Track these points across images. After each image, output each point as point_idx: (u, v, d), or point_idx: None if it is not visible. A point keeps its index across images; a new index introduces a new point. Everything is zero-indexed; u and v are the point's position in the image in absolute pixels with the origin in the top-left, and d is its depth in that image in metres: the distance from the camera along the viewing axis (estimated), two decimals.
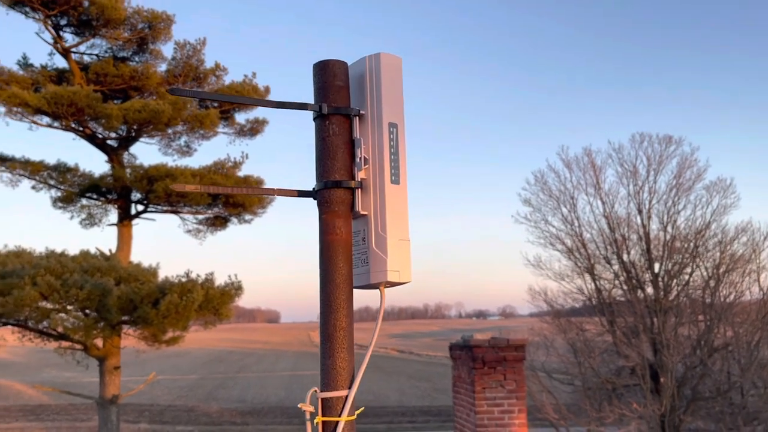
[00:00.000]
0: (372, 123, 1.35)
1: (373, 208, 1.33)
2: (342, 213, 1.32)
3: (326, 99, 1.34)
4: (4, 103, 11.44)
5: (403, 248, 1.32)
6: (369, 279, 1.32)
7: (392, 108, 1.35)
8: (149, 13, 12.28)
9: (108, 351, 11.50)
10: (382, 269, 1.30)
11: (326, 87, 1.34)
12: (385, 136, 1.33)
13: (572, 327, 14.06)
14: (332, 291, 1.29)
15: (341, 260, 1.30)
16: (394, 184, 1.32)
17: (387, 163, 1.32)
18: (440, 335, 69.86)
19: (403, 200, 1.33)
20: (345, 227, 1.32)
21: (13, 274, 10.42)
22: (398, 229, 1.32)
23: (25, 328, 11.39)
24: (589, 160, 14.00)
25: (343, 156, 1.33)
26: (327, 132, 1.33)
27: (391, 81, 1.36)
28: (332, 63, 1.36)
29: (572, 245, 13.95)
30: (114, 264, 11.22)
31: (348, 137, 1.34)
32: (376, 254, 1.31)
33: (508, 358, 6.70)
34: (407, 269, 1.32)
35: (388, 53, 1.37)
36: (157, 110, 11.46)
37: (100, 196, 12.91)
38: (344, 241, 1.31)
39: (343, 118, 1.34)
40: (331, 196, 1.31)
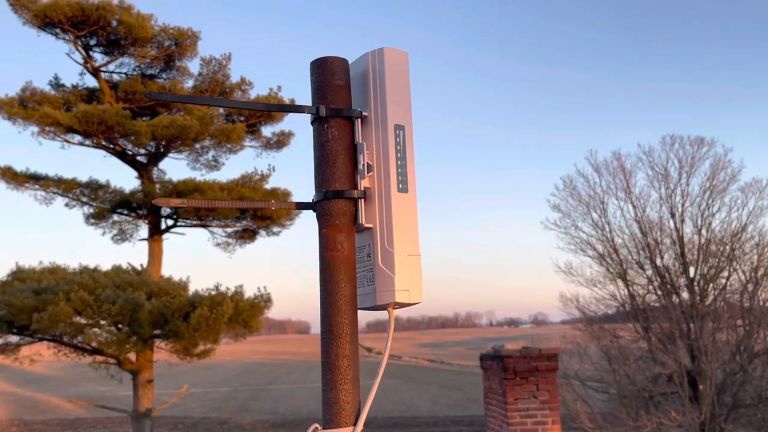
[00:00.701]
0: (376, 125, 1.22)
1: (379, 221, 1.20)
2: (344, 226, 1.19)
3: (324, 100, 1.21)
4: (37, 123, 11.70)
5: (412, 264, 1.19)
6: (375, 300, 1.19)
7: (398, 108, 1.22)
8: (175, 31, 12.47)
9: (141, 365, 11.62)
10: (390, 289, 1.17)
11: (324, 87, 1.22)
12: (390, 139, 1.21)
13: (606, 334, 13.82)
14: (334, 315, 1.16)
15: (344, 280, 1.17)
16: (401, 192, 1.20)
17: (393, 169, 1.20)
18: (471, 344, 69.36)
19: (412, 210, 1.21)
20: (347, 242, 1.19)
21: (48, 290, 10.61)
22: (407, 243, 1.19)
23: (61, 343, 11.58)
24: (619, 163, 13.79)
25: (344, 163, 1.20)
26: (326, 136, 1.21)
27: (396, 78, 1.23)
28: (331, 60, 1.23)
29: (603, 251, 13.73)
30: (145, 278, 11.35)
31: (349, 142, 1.22)
32: (383, 272, 1.18)
33: (541, 368, 6.56)
34: (418, 288, 1.19)
35: (392, 48, 1.25)
36: (185, 126, 11.60)
37: (131, 212, 13.10)
38: (347, 258, 1.18)
39: (344, 120, 1.22)
40: (331, 207, 1.19)
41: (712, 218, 13.02)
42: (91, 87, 13.04)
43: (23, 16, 11.85)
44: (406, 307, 1.21)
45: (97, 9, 11.73)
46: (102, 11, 11.76)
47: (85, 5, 11.65)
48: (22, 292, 10.60)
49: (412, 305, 1.22)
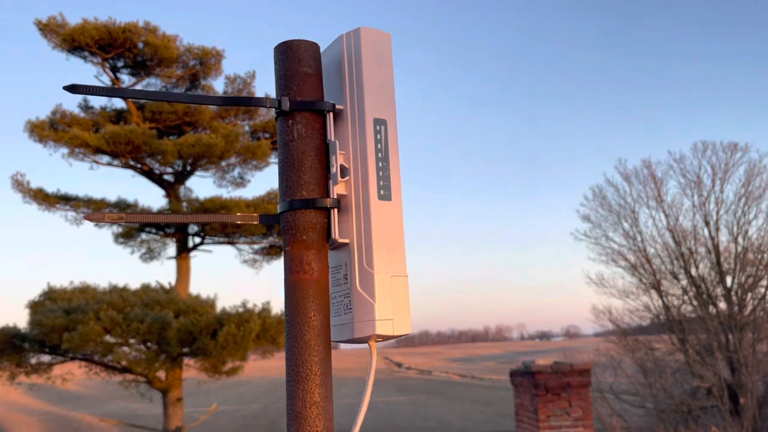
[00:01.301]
0: (352, 121, 1.02)
1: (357, 235, 0.99)
2: (313, 243, 0.98)
3: (289, 91, 1.01)
4: (67, 145, 11.90)
5: (397, 288, 0.98)
6: (353, 331, 0.98)
7: (378, 99, 1.02)
8: (200, 50, 12.62)
9: (170, 383, 11.64)
10: (369, 318, 0.96)
11: (289, 76, 1.02)
12: (369, 136, 1.00)
13: (640, 346, 13.49)
14: (300, 351, 0.95)
15: (312, 308, 0.96)
16: (383, 200, 1.00)
17: (373, 173, 1.00)
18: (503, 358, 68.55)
19: (396, 222, 1.00)
20: (318, 262, 0.98)
21: (78, 309, 10.71)
22: (391, 262, 0.98)
23: (91, 362, 11.68)
24: (649, 172, 13.53)
25: (313, 166, 1.00)
26: (290, 134, 1.00)
27: (375, 64, 1.03)
28: (297, 44, 1.03)
29: (636, 261, 13.45)
30: (173, 296, 11.40)
31: (320, 140, 1.01)
32: (362, 297, 0.98)
33: (573, 384, 6.37)
34: (404, 316, 0.98)
35: (370, 28, 1.05)
36: (210, 144, 11.69)
37: (159, 231, 13.21)
38: (316, 282, 0.97)
39: (313, 115, 1.01)
40: (298, 220, 0.98)
41: (749, 226, 12.68)
42: (118, 108, 13.25)
43: (53, 40, 12.11)
44: (391, 339, 1.00)
45: (123, 31, 11.93)
46: (128, 33, 11.96)
47: (112, 28, 11.86)
48: (53, 312, 10.72)
49: (399, 337, 1.00)
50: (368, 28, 1.04)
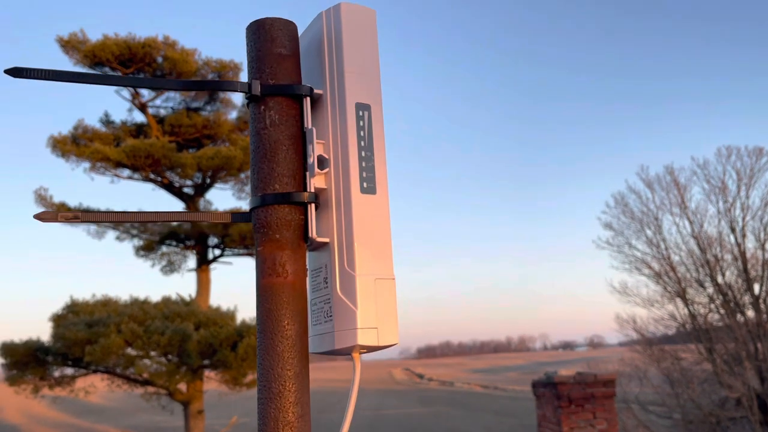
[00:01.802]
0: (333, 106, 0.92)
1: (337, 233, 0.90)
2: (288, 242, 0.89)
3: (261, 74, 0.92)
4: (89, 159, 12.04)
5: (383, 292, 0.88)
6: (333, 342, 0.89)
7: (361, 82, 0.92)
8: (218, 63, 12.72)
9: (191, 395, 11.65)
10: (351, 326, 0.86)
11: (262, 57, 0.92)
12: (350, 123, 0.90)
13: (666, 356, 13.25)
14: (272, 365, 0.85)
15: (287, 316, 0.86)
16: (366, 194, 0.90)
17: (355, 163, 0.90)
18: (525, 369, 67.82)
19: (381, 218, 0.90)
20: (293, 264, 0.89)
21: (100, 322, 10.78)
22: (375, 263, 0.89)
23: (114, 375, 11.73)
24: (672, 178, 13.32)
25: (287, 156, 0.90)
26: (262, 122, 0.91)
27: (357, 42, 0.93)
28: (270, 22, 0.94)
29: (660, 269, 13.23)
30: (193, 309, 11.43)
31: (296, 128, 0.92)
32: (343, 303, 0.88)
33: (597, 395, 6.23)
34: (391, 324, 0.88)
35: (352, 3, 0.95)
36: (229, 156, 11.75)
37: (179, 243, 13.29)
38: (291, 286, 0.88)
39: (288, 100, 0.92)
40: (270, 216, 0.89)
41: None
42: (139, 122, 13.39)
43: (74, 56, 12.29)
44: (376, 350, 0.90)
45: (143, 46, 12.07)
46: (148, 48, 12.10)
47: (132, 43, 12.01)
48: (75, 325, 10.80)
49: (385, 348, 0.89)
50: (349, 4, 0.95)
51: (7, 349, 11.10)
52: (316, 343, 0.93)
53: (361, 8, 0.96)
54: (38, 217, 0.89)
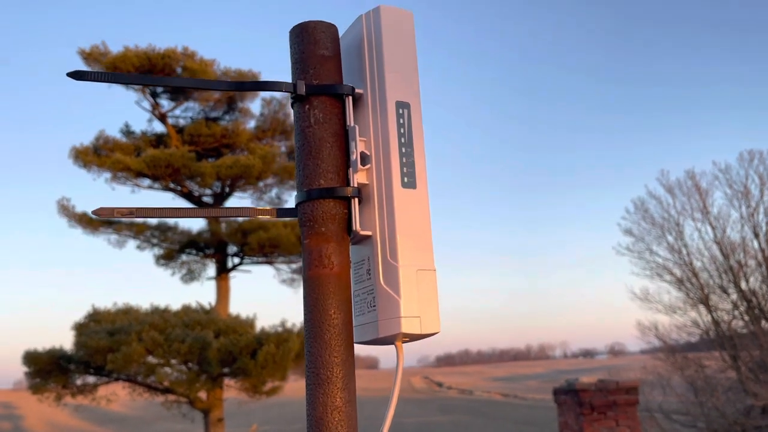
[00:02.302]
0: (373, 105, 0.96)
1: (380, 226, 0.93)
2: (333, 235, 0.93)
3: (305, 75, 0.96)
4: (110, 169, 12.19)
5: (425, 282, 0.91)
6: (377, 331, 0.91)
7: (401, 81, 0.96)
8: (236, 74, 12.83)
9: (211, 403, 11.70)
10: (395, 315, 0.89)
11: (306, 59, 0.97)
12: (391, 121, 0.94)
13: (690, 363, 13.05)
14: (320, 352, 0.89)
15: (333, 305, 0.90)
16: (407, 188, 0.93)
17: (396, 159, 0.93)
18: (546, 377, 67.23)
19: (422, 211, 0.94)
20: (338, 255, 0.92)
21: (121, 331, 10.88)
22: (417, 255, 0.92)
23: (135, 383, 11.82)
24: (693, 183, 13.17)
25: (331, 153, 0.94)
26: (307, 120, 0.95)
27: (397, 44, 0.97)
28: (313, 25, 0.98)
29: (682, 275, 13.06)
30: (213, 317, 11.49)
31: (339, 126, 0.96)
32: (386, 294, 0.91)
33: (619, 402, 6.14)
34: (433, 314, 0.90)
35: (390, 6, 0.99)
36: (248, 165, 11.83)
37: (199, 252, 13.39)
38: (336, 277, 0.91)
39: (331, 99, 0.96)
40: (316, 211, 0.93)
41: None
42: (159, 132, 13.54)
43: (95, 68, 12.47)
44: (419, 339, 0.92)
45: (162, 57, 12.22)
46: (167, 59, 12.25)
47: (152, 54, 12.17)
48: (97, 333, 10.91)
49: (427, 337, 0.92)
50: (388, 7, 0.99)
51: (31, 357, 11.24)
52: (360, 333, 0.96)
53: (399, 10, 1.00)
54: (96, 213, 0.93)
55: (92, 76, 0.92)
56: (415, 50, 1.00)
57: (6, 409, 40.79)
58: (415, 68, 0.99)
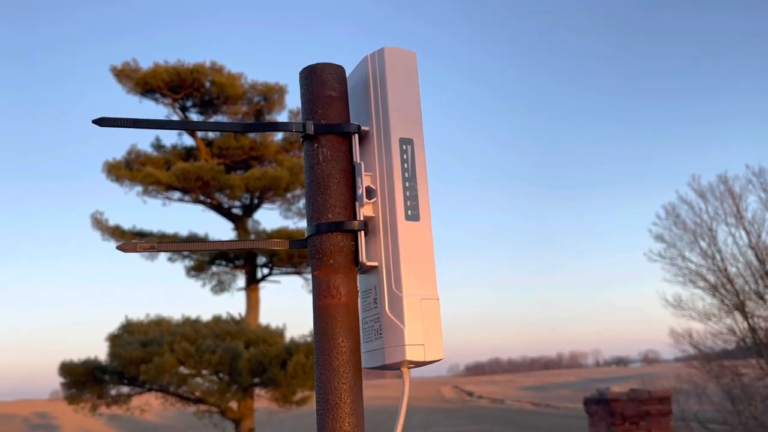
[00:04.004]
0: (378, 141, 1.01)
1: (385, 257, 0.98)
2: (341, 266, 0.97)
3: (314, 115, 1.01)
4: (141, 183, 12.44)
5: (428, 311, 0.95)
6: (383, 357, 0.96)
7: (404, 118, 1.01)
8: (264, 87, 13.02)
9: (242, 413, 11.80)
10: (399, 343, 0.94)
11: (314, 99, 1.02)
12: (395, 157, 0.99)
13: (726, 371, 12.76)
14: (329, 379, 0.93)
15: (341, 333, 0.95)
16: (411, 220, 0.97)
17: (400, 193, 0.98)
18: (577, 386, 66.29)
19: (425, 242, 0.98)
20: (346, 286, 0.97)
21: (154, 342, 11.05)
22: (420, 284, 0.96)
23: (167, 393, 11.98)
24: (726, 187, 12.93)
25: (339, 188, 0.99)
26: (316, 158, 1.00)
27: (400, 82, 1.02)
28: (321, 67, 1.03)
29: (716, 281, 12.81)
30: (243, 327, 11.61)
31: (346, 163, 1.01)
32: (391, 322, 0.95)
33: (652, 412, 6.04)
34: (437, 341, 0.95)
35: (394, 47, 1.04)
36: (276, 177, 11.97)
37: (229, 263, 13.54)
38: (344, 306, 0.96)
39: (338, 137, 1.01)
40: (324, 244, 0.97)
41: None
42: (188, 146, 13.77)
43: (127, 85, 12.77)
44: (424, 365, 0.96)
45: (191, 72, 12.46)
46: (196, 74, 12.48)
47: (181, 69, 12.40)
48: (130, 344, 11.10)
49: (430, 363, 0.96)
50: (392, 48, 1.03)
51: (67, 368, 11.48)
52: (368, 358, 0.99)
53: (403, 51, 1.04)
54: (120, 248, 0.97)
55: (114, 122, 0.97)
56: (417, 88, 1.04)
57: (43, 418, 41.59)
58: (418, 105, 1.03)
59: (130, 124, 0.98)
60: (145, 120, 1.00)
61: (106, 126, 0.96)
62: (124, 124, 0.98)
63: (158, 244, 0.99)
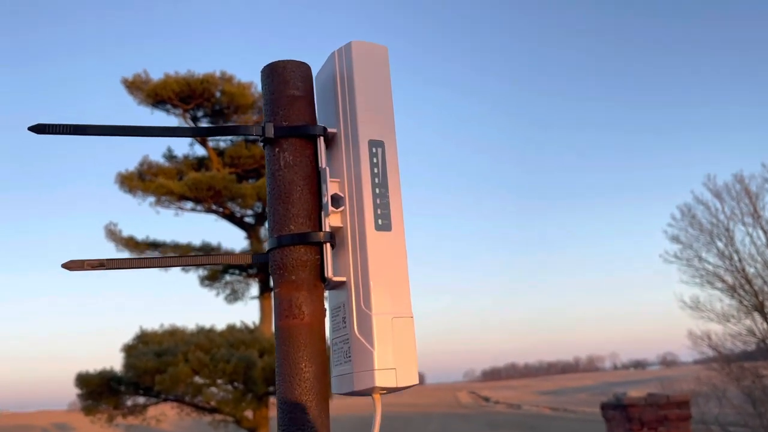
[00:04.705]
0: (346, 144, 0.92)
1: (353, 272, 0.88)
2: (304, 282, 0.88)
3: (275, 116, 0.92)
4: (154, 193, 12.50)
5: (401, 331, 0.86)
6: (352, 384, 0.87)
7: (374, 119, 0.92)
8: None
9: (257, 422, 11.77)
10: (368, 368, 0.85)
11: (275, 99, 0.93)
12: (363, 160, 0.90)
13: (746, 373, 12.58)
14: (290, 409, 0.84)
15: (304, 358, 0.85)
16: (381, 230, 0.88)
17: (369, 200, 0.89)
18: (595, 389, 65.74)
19: (397, 255, 0.89)
20: (310, 304, 0.87)
21: (168, 352, 11.07)
22: (392, 301, 0.86)
23: (183, 403, 11.99)
24: (743, 187, 12.78)
25: (302, 196, 0.90)
26: (277, 164, 0.91)
27: (369, 79, 0.93)
28: (283, 65, 0.94)
29: (734, 282, 12.65)
30: (257, 336, 11.60)
31: (311, 169, 0.92)
32: (360, 344, 0.86)
33: (671, 417, 5.94)
34: (410, 364, 0.86)
35: (363, 41, 0.95)
36: None
37: (242, 272, 13.56)
38: (308, 327, 0.86)
39: (302, 141, 0.92)
40: (286, 258, 0.88)
41: None
42: (200, 155, 13.83)
43: (138, 96, 12.85)
44: (396, 392, 0.87)
45: (201, 83, 12.52)
46: (206, 84, 12.54)
47: (191, 80, 12.47)
48: (145, 354, 11.12)
49: (403, 389, 0.86)
50: (360, 42, 0.95)
51: (83, 379, 11.52)
52: (337, 383, 0.92)
53: (373, 45, 0.96)
54: (66, 267, 0.89)
55: (54, 129, 0.90)
56: (389, 86, 0.96)
57: (61, 429, 41.87)
58: (389, 104, 0.95)
59: (70, 131, 0.91)
60: (88, 126, 0.92)
61: (46, 134, 0.90)
62: (65, 131, 0.90)
63: (107, 261, 0.91)
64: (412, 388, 0.90)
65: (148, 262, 0.95)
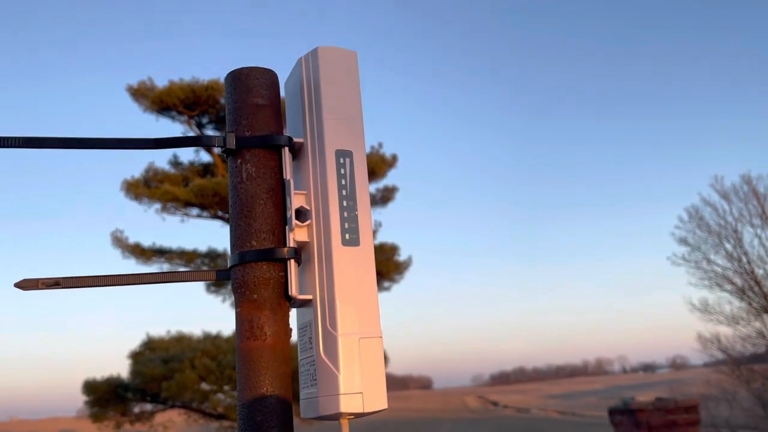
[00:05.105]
0: (312, 154, 0.88)
1: (319, 290, 0.84)
2: (267, 302, 0.83)
3: (237, 126, 0.88)
4: (159, 200, 12.52)
5: (368, 352, 0.81)
6: (318, 409, 0.82)
7: (341, 127, 0.88)
8: (281, 101, 13.07)
9: None
10: (333, 392, 0.80)
11: (237, 108, 0.88)
12: (330, 171, 0.86)
13: (756, 376, 12.49)
14: None
15: (266, 382, 0.81)
16: (349, 246, 0.84)
17: (335, 214, 0.85)
18: (604, 393, 65.36)
19: (366, 271, 0.84)
20: (273, 325, 0.83)
21: (175, 358, 11.08)
22: (359, 321, 0.82)
23: (190, 409, 12.00)
24: (750, 188, 12.71)
25: (266, 210, 0.85)
26: (239, 176, 0.87)
27: (336, 86, 0.89)
28: (246, 72, 0.90)
29: (743, 284, 12.57)
30: None
31: (275, 180, 0.87)
32: (326, 367, 0.81)
33: (679, 422, 5.87)
34: (378, 388, 0.81)
35: (330, 47, 0.91)
36: None
37: None
38: (270, 350, 0.82)
39: (266, 151, 0.87)
40: (248, 275, 0.83)
41: None
42: (205, 162, 13.85)
43: (143, 103, 12.89)
44: (363, 416, 0.83)
45: (206, 89, 12.55)
46: (211, 90, 12.57)
47: (196, 86, 12.50)
48: (152, 361, 11.14)
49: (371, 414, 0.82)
50: (327, 47, 0.91)
51: (90, 386, 11.54)
52: (305, 407, 0.87)
53: (341, 50, 0.92)
54: (19, 286, 0.85)
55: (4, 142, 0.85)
56: (359, 93, 0.91)
57: None
58: (358, 113, 0.91)
59: (21, 143, 0.86)
60: (43, 138, 0.86)
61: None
62: (15, 144, 0.85)
63: (63, 279, 0.86)
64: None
65: (105, 280, 0.90)
